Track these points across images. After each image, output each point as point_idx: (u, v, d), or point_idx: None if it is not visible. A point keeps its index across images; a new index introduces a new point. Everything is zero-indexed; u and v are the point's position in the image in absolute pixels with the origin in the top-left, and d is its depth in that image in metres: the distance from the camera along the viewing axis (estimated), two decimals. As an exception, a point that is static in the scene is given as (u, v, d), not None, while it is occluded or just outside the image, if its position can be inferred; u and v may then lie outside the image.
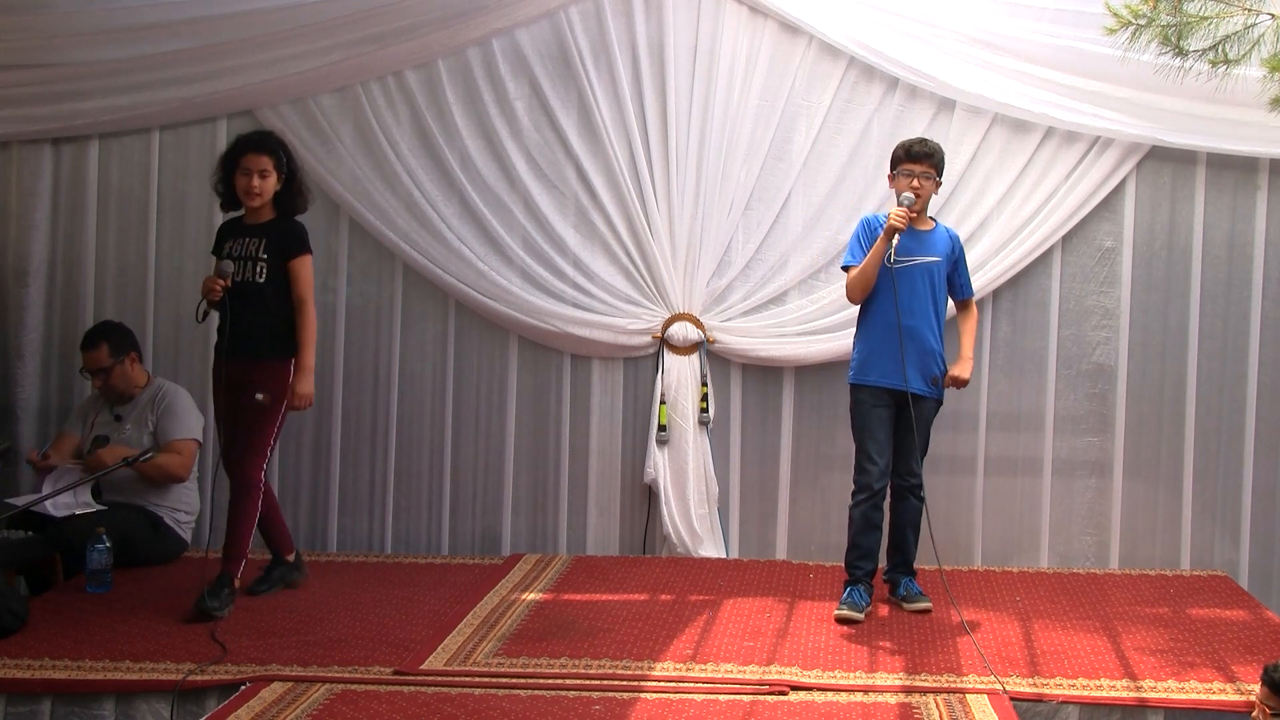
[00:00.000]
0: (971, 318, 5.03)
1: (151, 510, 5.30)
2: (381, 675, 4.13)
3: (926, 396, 4.85)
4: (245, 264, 4.80)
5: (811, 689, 4.06)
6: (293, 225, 4.90)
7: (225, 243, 4.90)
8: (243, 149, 4.84)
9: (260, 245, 4.81)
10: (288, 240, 4.85)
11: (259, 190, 4.80)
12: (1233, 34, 4.09)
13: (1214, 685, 4.10)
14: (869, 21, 5.53)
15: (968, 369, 4.91)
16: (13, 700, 4.03)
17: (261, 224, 4.87)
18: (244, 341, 4.78)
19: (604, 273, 5.73)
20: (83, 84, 5.72)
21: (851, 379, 4.90)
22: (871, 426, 4.82)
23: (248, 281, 4.78)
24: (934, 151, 4.83)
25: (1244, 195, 5.58)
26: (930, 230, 4.89)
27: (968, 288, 5.00)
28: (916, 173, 4.77)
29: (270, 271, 4.79)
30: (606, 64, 5.62)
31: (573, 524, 5.84)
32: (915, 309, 4.79)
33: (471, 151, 5.71)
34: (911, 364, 4.76)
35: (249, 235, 4.85)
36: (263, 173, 4.80)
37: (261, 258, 4.79)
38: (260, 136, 4.94)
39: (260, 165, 4.80)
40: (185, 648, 4.33)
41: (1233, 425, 5.61)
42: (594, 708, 3.87)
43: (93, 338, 5.36)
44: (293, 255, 4.84)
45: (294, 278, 4.83)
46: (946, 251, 4.89)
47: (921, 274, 4.81)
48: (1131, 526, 5.65)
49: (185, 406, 5.41)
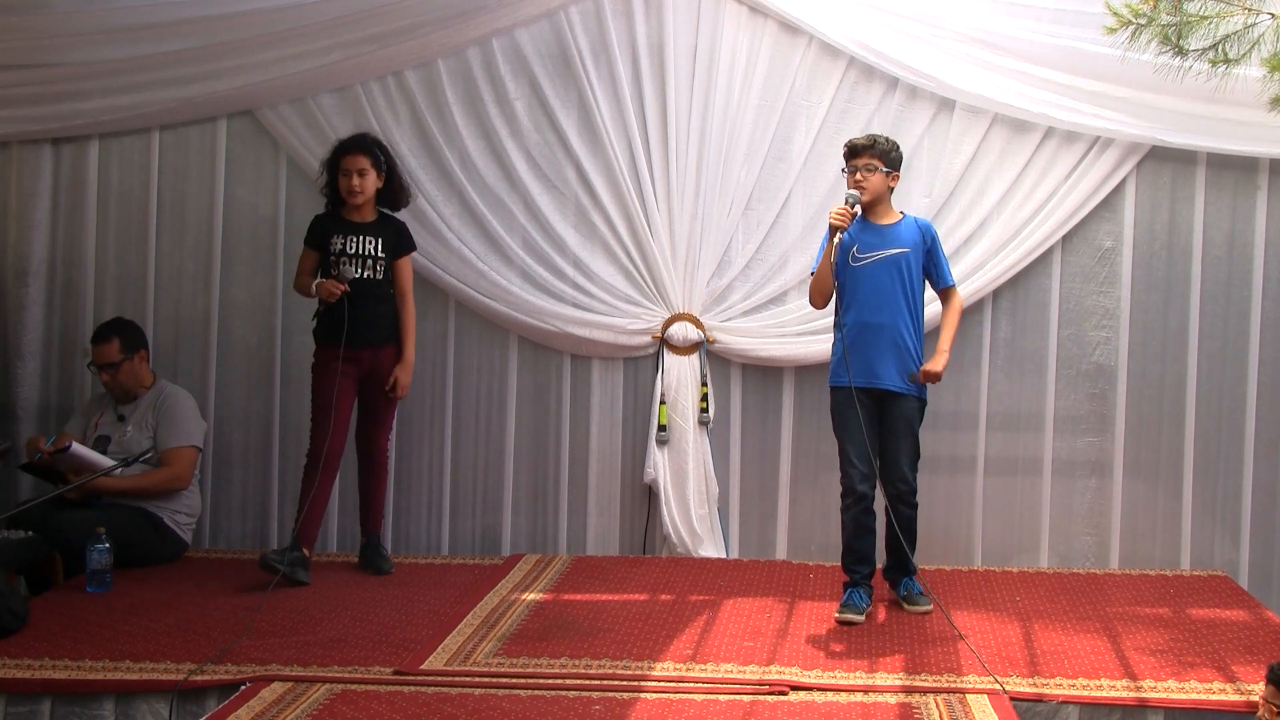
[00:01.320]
0: (953, 309, 4.91)
1: (152, 511, 5.29)
2: (381, 675, 4.12)
3: (905, 394, 4.79)
4: (364, 261, 5.16)
5: (811, 689, 4.06)
6: (400, 225, 5.30)
7: (332, 237, 5.17)
8: (342, 151, 5.16)
9: (377, 244, 5.18)
10: (400, 239, 5.27)
11: (360, 189, 5.12)
12: (1233, 34, 4.09)
13: (1214, 685, 4.10)
14: (869, 21, 5.53)
15: (942, 362, 4.79)
16: (13, 700, 4.03)
17: (371, 222, 5.22)
18: (366, 332, 5.15)
19: (604, 273, 5.73)
20: (83, 84, 5.73)
21: (829, 381, 4.89)
22: (849, 428, 4.76)
23: (367, 279, 5.16)
24: (874, 142, 4.78)
25: (1244, 195, 5.57)
26: (895, 223, 4.83)
27: (947, 276, 4.90)
28: (859, 166, 4.75)
29: (386, 269, 5.20)
30: (606, 64, 5.62)
31: (573, 524, 5.84)
32: (884, 305, 4.74)
33: (471, 151, 5.71)
34: (886, 361, 4.73)
35: (362, 233, 5.17)
36: (361, 172, 5.12)
37: (380, 256, 5.18)
38: (358, 138, 5.22)
39: (359, 165, 5.12)
40: (185, 648, 4.32)
41: (1233, 425, 5.61)
42: (594, 708, 3.86)
43: (105, 332, 5.36)
44: (402, 253, 5.27)
45: (400, 273, 5.26)
46: (915, 241, 4.80)
47: (886, 268, 4.76)
48: (1131, 526, 5.65)
49: (186, 412, 5.39)
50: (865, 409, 4.75)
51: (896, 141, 4.91)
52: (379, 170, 5.18)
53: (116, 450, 5.26)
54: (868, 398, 4.77)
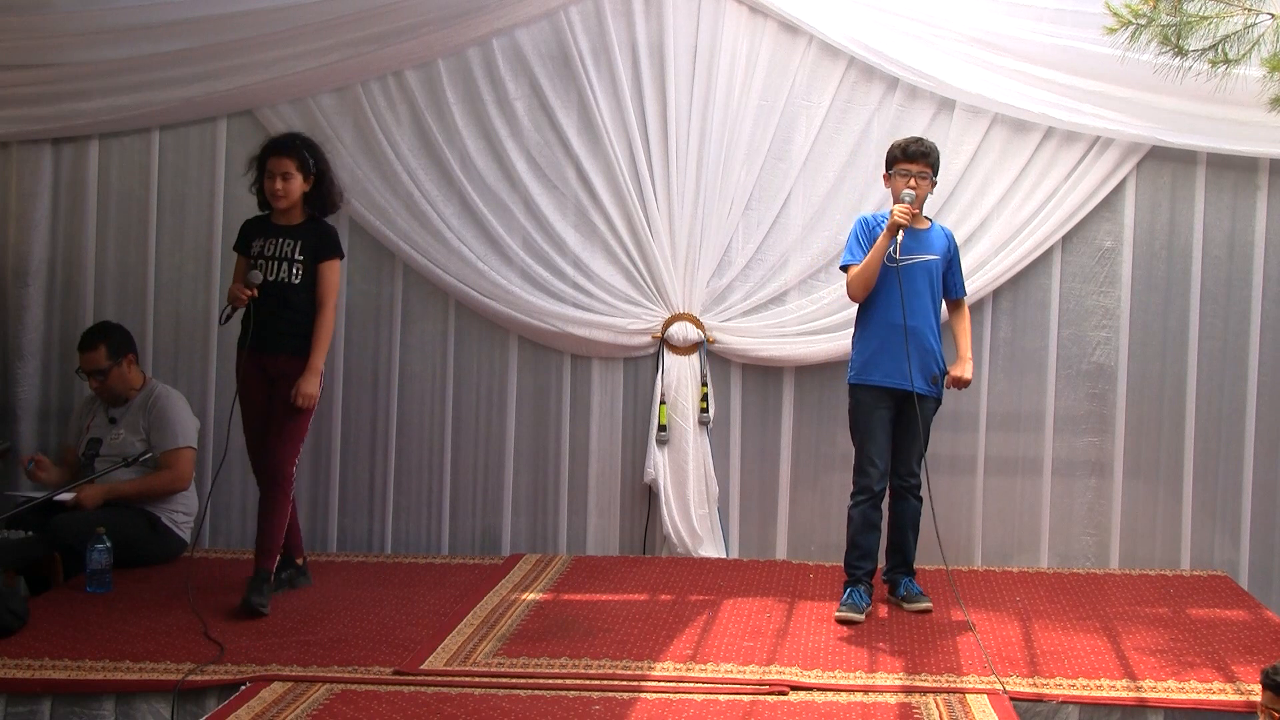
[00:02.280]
0: (965, 318, 5.01)
1: (150, 511, 5.29)
2: (381, 675, 4.13)
3: (927, 396, 4.85)
4: (280, 264, 4.84)
5: (811, 689, 4.06)
6: (326, 229, 4.95)
7: (254, 240, 4.91)
8: (268, 152, 4.87)
9: (296, 247, 4.85)
10: (321, 244, 4.89)
11: (283, 192, 4.82)
12: (1233, 34, 4.10)
13: (1214, 685, 4.10)
14: (869, 21, 5.53)
15: (969, 369, 4.91)
16: (13, 700, 4.03)
17: (294, 225, 4.89)
18: (277, 339, 4.83)
19: (604, 273, 5.73)
20: (83, 84, 5.72)
21: (852, 379, 4.89)
22: (873, 428, 4.81)
23: (282, 282, 4.83)
24: (930, 151, 4.82)
25: (1244, 195, 5.58)
26: (928, 229, 4.89)
27: (961, 288, 4.99)
28: (914, 172, 4.77)
29: (305, 273, 4.84)
30: (606, 64, 5.62)
31: (573, 524, 5.84)
32: (916, 308, 4.78)
33: (471, 151, 5.71)
34: (914, 363, 4.76)
35: (282, 236, 4.87)
36: (286, 175, 4.82)
37: (297, 259, 4.84)
38: (284, 138, 4.95)
39: (283, 168, 4.82)
40: (185, 648, 4.33)
41: (1233, 425, 5.61)
42: (594, 708, 3.87)
43: (91, 339, 5.32)
44: (324, 258, 4.88)
45: (320, 280, 4.87)
46: (944, 250, 4.89)
47: (922, 272, 4.81)
48: (1131, 526, 5.65)
49: (178, 414, 5.36)
50: (886, 409, 4.79)
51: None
52: (306, 173, 4.85)
53: (108, 452, 5.25)
54: (890, 398, 4.80)
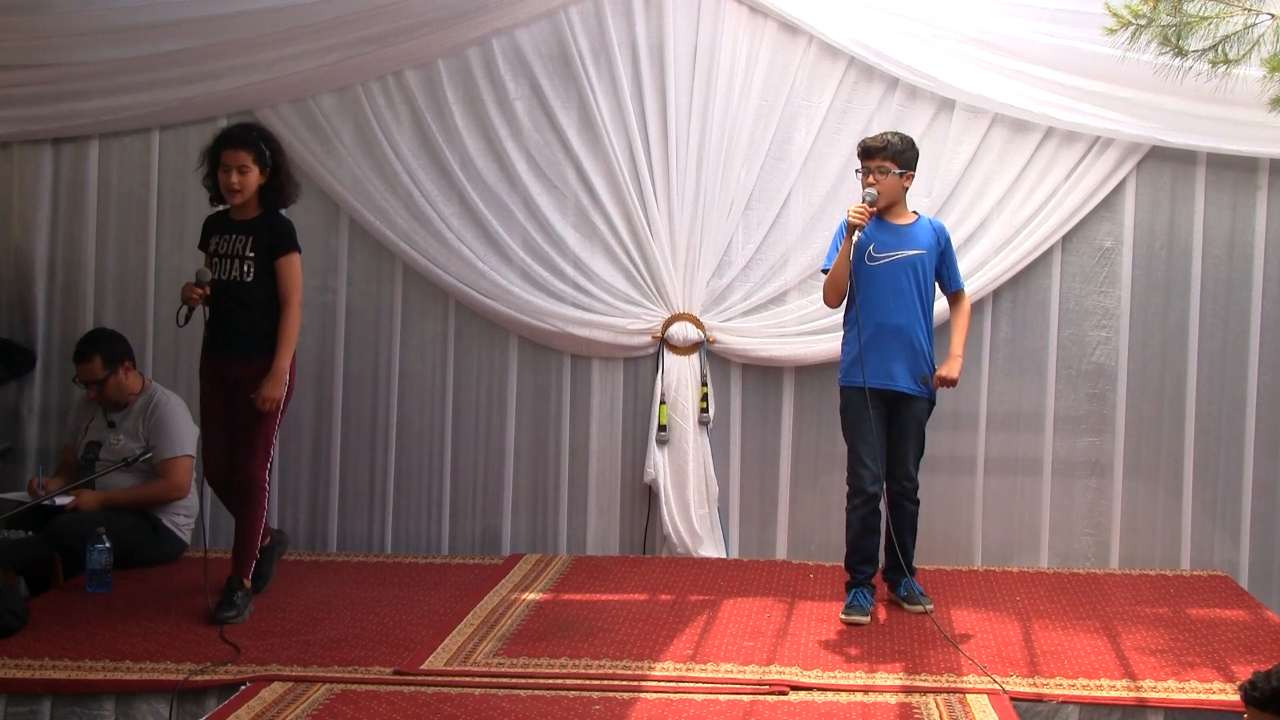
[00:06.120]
0: (963, 312, 4.94)
1: (150, 512, 5.29)
2: (381, 675, 4.12)
3: (917, 396, 4.79)
4: (232, 262, 4.66)
5: (811, 689, 4.06)
6: (279, 222, 4.75)
7: (210, 238, 4.76)
8: (221, 144, 4.68)
9: (247, 243, 4.66)
10: (275, 238, 4.69)
11: (239, 186, 4.63)
12: (1233, 34, 4.10)
13: (1214, 685, 4.10)
14: (869, 21, 5.53)
15: (956, 368, 4.83)
16: (13, 700, 4.03)
17: (247, 220, 4.71)
18: (234, 340, 4.67)
19: (604, 273, 5.73)
20: (83, 84, 5.73)
21: (841, 380, 4.87)
22: (861, 429, 4.76)
23: (234, 280, 4.65)
24: (887, 144, 4.74)
25: (1244, 195, 5.58)
26: (910, 223, 4.83)
27: (956, 280, 4.93)
28: (872, 168, 4.74)
29: (258, 270, 4.66)
30: (606, 64, 5.62)
31: (573, 524, 5.84)
32: (900, 305, 4.74)
33: (471, 151, 5.71)
34: (900, 363, 4.74)
35: (235, 232, 4.70)
36: (242, 168, 4.63)
37: (249, 256, 4.65)
38: (239, 131, 4.78)
39: (239, 161, 4.63)
40: (185, 648, 4.32)
41: (1233, 425, 5.61)
42: (594, 708, 3.87)
43: (86, 350, 5.23)
44: (280, 253, 4.68)
45: (280, 276, 4.67)
46: (930, 243, 4.81)
47: (903, 269, 4.75)
48: (1131, 526, 5.65)
49: (177, 420, 5.31)
50: (877, 410, 4.76)
51: (911, 139, 4.85)
52: (262, 166, 4.65)
53: (107, 456, 5.24)
54: (880, 399, 4.77)
